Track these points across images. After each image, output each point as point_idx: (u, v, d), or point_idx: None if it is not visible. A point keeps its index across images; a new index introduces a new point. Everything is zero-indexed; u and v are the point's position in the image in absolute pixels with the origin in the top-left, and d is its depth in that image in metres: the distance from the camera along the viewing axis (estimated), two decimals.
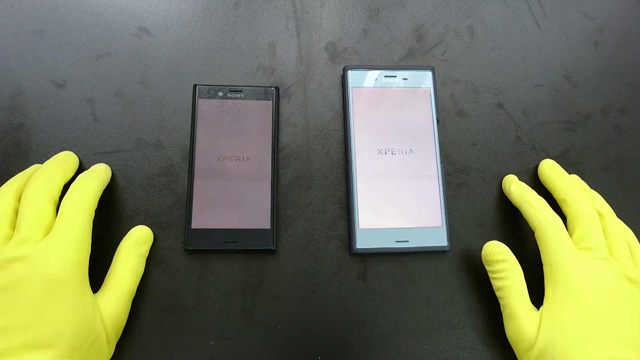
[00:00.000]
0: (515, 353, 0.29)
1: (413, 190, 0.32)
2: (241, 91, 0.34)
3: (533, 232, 0.30)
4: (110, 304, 0.27)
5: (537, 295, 0.29)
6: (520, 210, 0.31)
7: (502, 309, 0.30)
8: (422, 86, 0.35)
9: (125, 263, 0.29)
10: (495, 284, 0.30)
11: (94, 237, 0.27)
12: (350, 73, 0.35)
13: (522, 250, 0.33)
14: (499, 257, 0.30)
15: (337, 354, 0.30)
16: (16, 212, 0.27)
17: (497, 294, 0.30)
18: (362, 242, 0.31)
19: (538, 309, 0.28)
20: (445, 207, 0.32)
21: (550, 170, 0.33)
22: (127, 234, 0.30)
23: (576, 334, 0.25)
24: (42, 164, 0.30)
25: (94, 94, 0.34)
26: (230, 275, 0.31)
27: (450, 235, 0.32)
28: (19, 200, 0.27)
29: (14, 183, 0.28)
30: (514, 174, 0.34)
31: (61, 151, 0.32)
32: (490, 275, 0.31)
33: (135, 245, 0.30)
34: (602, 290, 0.26)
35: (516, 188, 0.32)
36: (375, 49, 0.37)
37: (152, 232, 0.31)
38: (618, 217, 0.30)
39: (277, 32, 0.36)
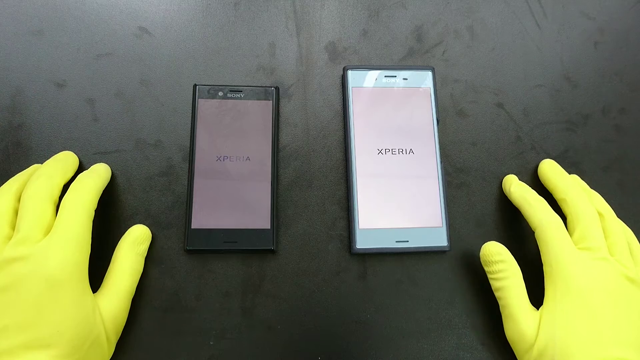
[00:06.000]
0: (515, 353, 0.29)
1: (413, 190, 0.32)
2: (241, 91, 0.34)
3: (533, 232, 0.30)
4: (109, 303, 0.27)
5: (537, 295, 0.29)
6: (520, 210, 0.31)
7: (501, 310, 0.30)
8: (422, 86, 0.35)
9: (124, 262, 0.29)
10: (494, 284, 0.30)
11: (94, 237, 0.27)
12: (350, 73, 0.35)
13: (522, 250, 0.33)
14: (497, 258, 0.30)
15: (337, 354, 0.30)
16: (16, 212, 0.27)
17: (496, 294, 0.30)
18: (362, 242, 0.31)
19: (538, 309, 0.28)
20: (445, 207, 0.32)
21: (550, 170, 0.33)
22: (125, 233, 0.30)
23: (576, 334, 0.25)
24: (42, 164, 0.30)
25: (94, 94, 0.34)
26: (230, 275, 0.31)
27: (450, 235, 0.32)
28: (19, 200, 0.27)
29: (14, 183, 0.28)
30: (514, 174, 0.34)
31: (61, 151, 0.32)
32: (488, 275, 0.31)
33: (133, 244, 0.30)
34: (602, 290, 0.26)
35: (516, 188, 0.32)
36: (375, 49, 0.37)
37: (150, 231, 0.31)
38: (618, 217, 0.30)
39: (277, 32, 0.36)
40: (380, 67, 0.35)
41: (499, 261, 0.30)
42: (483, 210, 0.34)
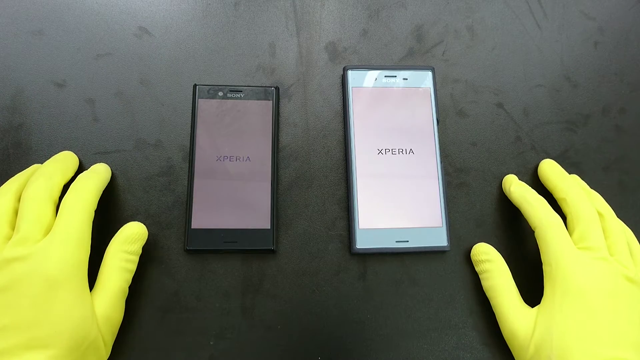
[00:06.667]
0: (512, 352, 0.29)
1: (413, 190, 0.32)
2: (241, 91, 0.34)
3: (533, 232, 0.30)
4: (100, 303, 0.27)
5: (536, 295, 0.29)
6: (520, 209, 0.31)
7: (493, 310, 0.30)
8: (422, 86, 0.35)
9: (113, 262, 0.28)
10: (484, 284, 0.31)
11: (94, 237, 0.27)
12: (350, 73, 0.35)
13: (522, 250, 0.33)
14: (484, 257, 0.31)
15: (337, 354, 0.30)
16: (16, 212, 0.27)
17: (487, 294, 0.31)
18: (362, 242, 0.31)
19: (536, 308, 0.28)
20: (445, 207, 0.32)
21: (550, 170, 0.33)
22: (117, 232, 0.29)
23: (574, 333, 0.25)
24: (42, 164, 0.30)
25: (94, 94, 0.34)
26: (230, 275, 0.31)
27: (450, 235, 0.32)
28: (19, 200, 0.27)
29: (13, 183, 0.28)
30: (514, 174, 0.34)
31: (61, 151, 0.32)
32: (480, 276, 0.32)
33: (123, 243, 0.28)
34: (602, 290, 0.26)
35: (516, 188, 0.32)
36: (375, 49, 0.37)
37: (145, 229, 0.30)
38: (618, 217, 0.30)
39: (277, 32, 0.36)
40: (380, 67, 0.35)
41: (486, 260, 0.31)
42: (483, 210, 0.34)
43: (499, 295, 0.29)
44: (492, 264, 0.30)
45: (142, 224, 0.30)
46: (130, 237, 0.29)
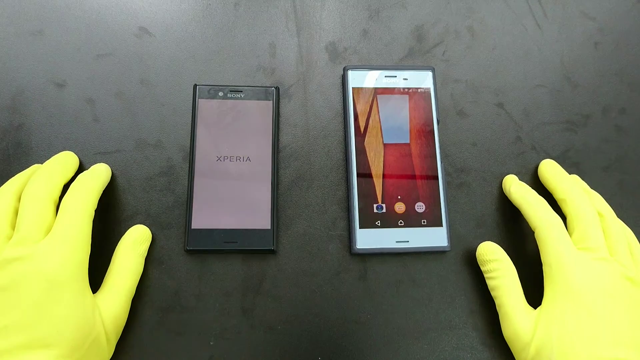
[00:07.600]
0: (513, 352, 0.29)
1: (414, 190, 0.32)
2: (241, 91, 0.34)
3: (533, 232, 0.30)
4: (110, 303, 0.27)
5: (537, 295, 0.29)
6: (520, 210, 0.31)
7: (497, 309, 0.30)
8: (422, 86, 0.35)
9: (124, 263, 0.29)
10: (490, 283, 0.31)
11: (94, 237, 0.27)
12: (350, 73, 0.35)
13: (522, 250, 0.33)
14: (492, 257, 0.30)
15: (337, 354, 0.30)
16: (16, 212, 0.27)
17: (492, 293, 0.30)
18: (362, 242, 0.31)
19: (538, 309, 0.28)
20: (445, 207, 0.32)
21: (550, 170, 0.33)
22: (125, 234, 0.30)
23: (575, 334, 0.25)
24: (42, 164, 0.30)
25: (94, 94, 0.34)
26: (230, 275, 0.31)
27: (450, 235, 0.32)
28: (19, 200, 0.27)
29: (14, 183, 0.28)
30: (514, 174, 0.34)
31: (61, 151, 0.32)
32: (484, 275, 0.31)
33: (133, 245, 0.30)
34: (602, 291, 0.26)
35: (516, 188, 0.32)
36: (375, 49, 0.37)
37: (150, 231, 0.31)
38: (618, 217, 0.30)
39: (277, 32, 0.36)
40: (380, 67, 0.35)
41: (493, 260, 0.30)
42: (483, 210, 0.34)
43: (505, 295, 0.29)
44: (500, 263, 0.30)
45: (146, 227, 0.31)
46: (139, 238, 0.30)
